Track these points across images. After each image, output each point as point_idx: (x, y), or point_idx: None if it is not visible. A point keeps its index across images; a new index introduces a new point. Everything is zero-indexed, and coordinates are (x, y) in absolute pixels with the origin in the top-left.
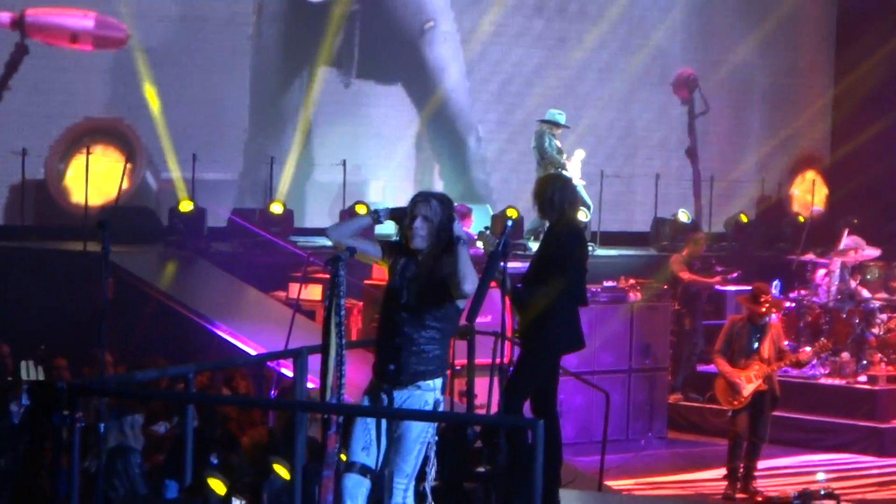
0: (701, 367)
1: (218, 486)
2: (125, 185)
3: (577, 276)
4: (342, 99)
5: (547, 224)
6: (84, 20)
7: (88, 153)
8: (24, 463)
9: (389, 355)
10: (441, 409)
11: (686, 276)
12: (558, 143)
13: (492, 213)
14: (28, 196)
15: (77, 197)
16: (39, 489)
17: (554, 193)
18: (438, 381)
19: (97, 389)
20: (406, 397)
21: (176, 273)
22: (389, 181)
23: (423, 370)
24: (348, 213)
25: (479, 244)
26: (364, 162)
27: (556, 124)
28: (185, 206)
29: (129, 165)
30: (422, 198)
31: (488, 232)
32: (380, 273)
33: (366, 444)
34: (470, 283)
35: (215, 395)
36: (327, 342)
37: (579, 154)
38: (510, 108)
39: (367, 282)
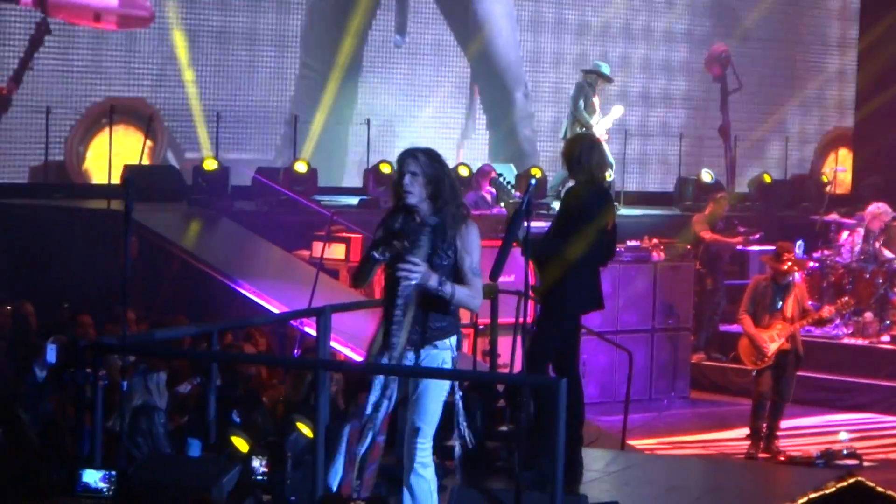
0: (723, 327)
1: (241, 444)
2: (145, 162)
3: (597, 236)
4: (385, 56)
5: (571, 183)
6: None
7: (112, 128)
8: (48, 421)
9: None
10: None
11: (708, 235)
12: (595, 98)
13: (516, 172)
14: (52, 165)
15: (97, 179)
16: (63, 447)
17: (581, 154)
18: (454, 339)
19: (120, 347)
20: (423, 357)
21: (199, 232)
22: (427, 138)
23: (439, 326)
24: (372, 173)
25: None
26: (397, 118)
27: (600, 74)
28: (209, 164)
29: (148, 143)
30: (408, 153)
31: (501, 178)
32: None
33: (375, 399)
34: (476, 306)
35: (238, 354)
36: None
37: (618, 110)
38: (542, 68)
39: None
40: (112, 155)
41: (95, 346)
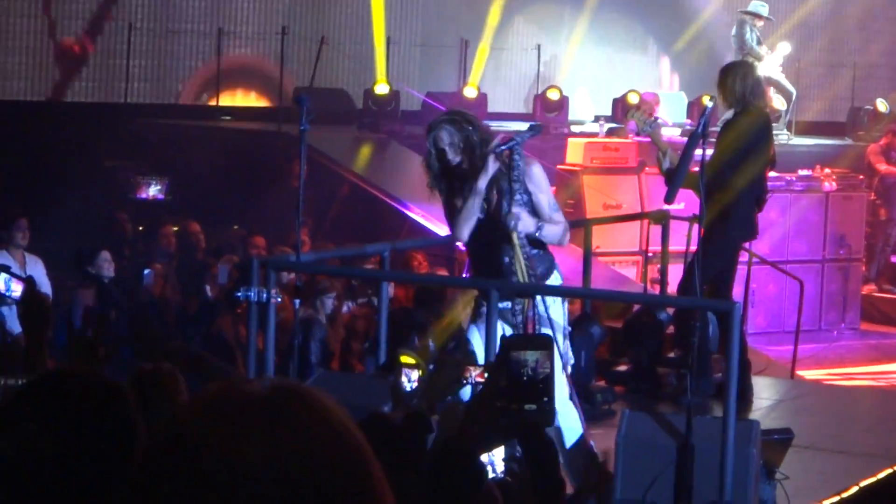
0: None
1: (410, 362)
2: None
3: (761, 166)
4: None
5: (732, 113)
6: None
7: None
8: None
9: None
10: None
11: (883, 167)
12: (759, 35)
13: (687, 100)
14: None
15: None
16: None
17: (735, 82)
18: (558, 277)
19: (294, 265)
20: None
21: (369, 155)
22: (596, 65)
23: (541, 271)
24: (540, 99)
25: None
26: (560, 48)
27: (758, 16)
28: (380, 88)
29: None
30: (436, 128)
31: (638, 112)
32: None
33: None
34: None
35: (408, 274)
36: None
37: (784, 48)
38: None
39: (559, 167)
40: None
41: (269, 264)
